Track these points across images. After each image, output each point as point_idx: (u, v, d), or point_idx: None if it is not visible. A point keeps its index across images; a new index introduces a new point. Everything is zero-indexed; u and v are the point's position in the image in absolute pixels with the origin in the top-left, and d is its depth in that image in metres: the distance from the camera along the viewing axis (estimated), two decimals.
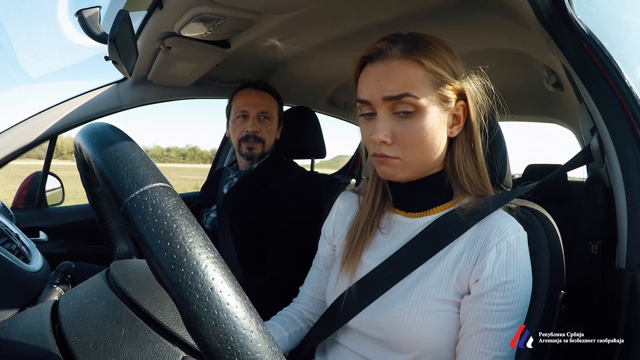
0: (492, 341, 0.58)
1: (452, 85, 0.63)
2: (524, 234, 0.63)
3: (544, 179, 0.74)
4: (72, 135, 0.63)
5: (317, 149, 1.55)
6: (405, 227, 0.70)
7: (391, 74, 0.61)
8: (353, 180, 2.33)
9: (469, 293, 0.61)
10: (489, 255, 0.60)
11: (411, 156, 0.63)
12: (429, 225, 0.67)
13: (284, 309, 0.87)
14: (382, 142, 0.63)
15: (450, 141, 0.68)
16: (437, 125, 0.63)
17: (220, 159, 2.03)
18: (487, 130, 0.68)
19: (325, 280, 0.82)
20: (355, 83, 0.68)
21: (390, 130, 0.63)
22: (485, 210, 0.63)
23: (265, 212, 1.20)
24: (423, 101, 0.61)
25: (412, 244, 0.67)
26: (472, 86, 0.66)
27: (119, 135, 0.35)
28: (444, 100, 0.63)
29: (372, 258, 0.70)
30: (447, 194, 0.69)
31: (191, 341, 0.38)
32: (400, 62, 0.61)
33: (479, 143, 0.67)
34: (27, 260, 1.01)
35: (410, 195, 0.71)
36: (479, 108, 0.66)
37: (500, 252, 0.60)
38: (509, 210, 0.67)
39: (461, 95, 0.65)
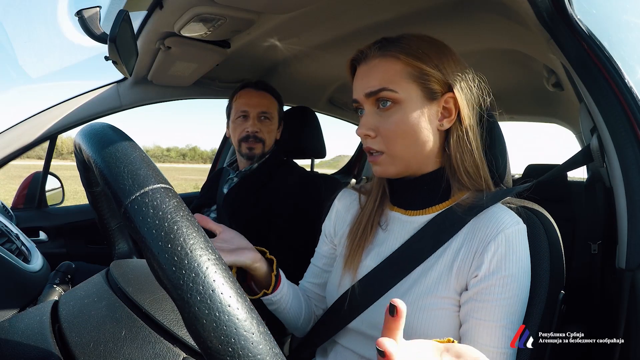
0: (494, 337, 0.58)
1: (434, 77, 0.63)
2: (523, 227, 0.62)
3: (543, 177, 0.75)
4: (72, 135, 0.63)
5: (317, 149, 1.55)
6: (403, 225, 0.70)
7: (371, 71, 0.65)
8: (353, 180, 2.33)
9: (467, 289, 0.61)
10: (487, 250, 0.60)
11: (394, 148, 0.65)
12: (427, 224, 0.67)
13: None
14: (366, 136, 0.66)
15: (446, 136, 0.67)
16: (420, 117, 0.64)
17: (220, 159, 2.03)
18: (479, 122, 0.68)
19: (323, 278, 0.82)
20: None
21: (373, 124, 0.66)
22: (482, 204, 0.63)
23: (265, 211, 1.20)
24: (402, 94, 0.63)
25: (412, 242, 0.67)
26: (460, 78, 0.65)
27: (119, 136, 0.35)
28: (428, 92, 0.64)
29: (373, 256, 0.70)
30: (445, 192, 0.68)
31: (191, 342, 0.38)
32: (379, 60, 0.65)
33: (474, 136, 0.66)
34: (27, 260, 1.01)
35: (408, 193, 0.71)
36: (469, 100, 0.66)
37: (499, 246, 0.59)
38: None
39: (449, 87, 0.65)
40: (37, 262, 1.03)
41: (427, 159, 0.67)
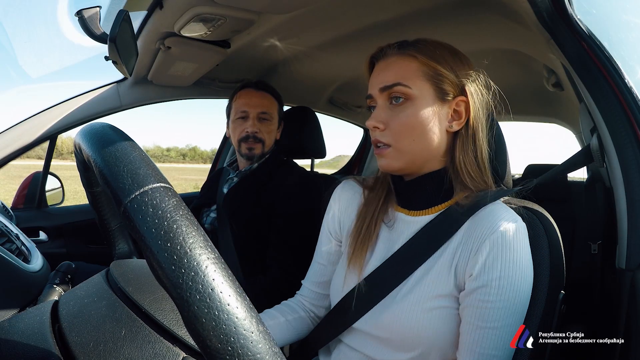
0: (488, 340, 0.57)
1: (448, 79, 0.65)
2: (521, 225, 0.61)
3: (542, 177, 0.74)
4: (72, 135, 0.63)
5: (317, 149, 1.55)
6: (407, 225, 0.70)
7: (388, 67, 0.68)
8: None
9: (464, 288, 0.61)
10: (481, 249, 0.59)
11: (402, 143, 0.66)
12: (428, 224, 0.67)
13: (286, 300, 0.87)
14: (375, 128, 0.68)
15: (454, 138, 0.68)
16: (430, 116, 0.65)
17: (220, 159, 2.03)
18: (486, 128, 0.68)
19: (328, 275, 0.82)
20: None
21: (384, 118, 0.67)
22: (481, 203, 0.63)
23: (265, 211, 1.20)
24: (415, 91, 0.65)
25: (413, 243, 0.67)
26: (474, 83, 0.67)
27: (119, 135, 0.35)
28: (441, 93, 0.65)
29: (378, 256, 0.71)
30: (447, 193, 0.68)
31: (191, 341, 0.38)
32: (397, 57, 0.67)
33: (480, 139, 0.67)
34: (27, 260, 1.01)
35: (411, 193, 0.71)
36: (480, 105, 0.67)
37: (494, 245, 0.58)
38: None
39: (462, 91, 0.66)
40: (37, 262, 1.03)
41: (432, 158, 0.68)
